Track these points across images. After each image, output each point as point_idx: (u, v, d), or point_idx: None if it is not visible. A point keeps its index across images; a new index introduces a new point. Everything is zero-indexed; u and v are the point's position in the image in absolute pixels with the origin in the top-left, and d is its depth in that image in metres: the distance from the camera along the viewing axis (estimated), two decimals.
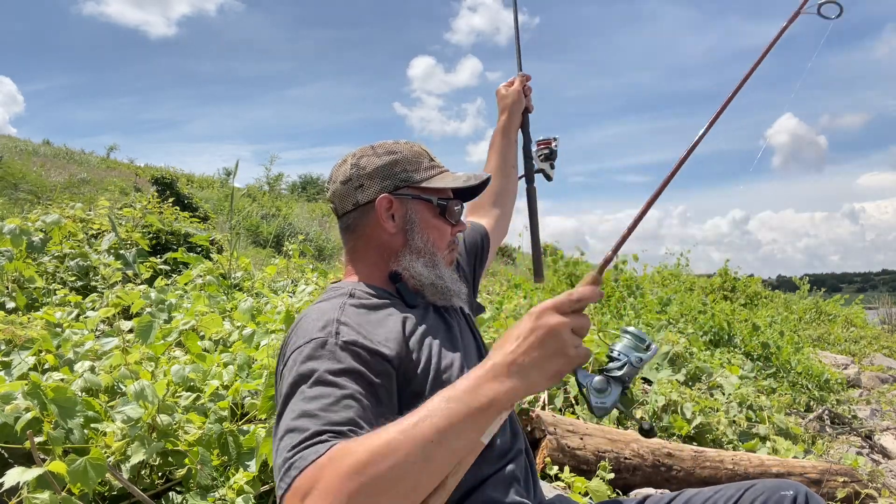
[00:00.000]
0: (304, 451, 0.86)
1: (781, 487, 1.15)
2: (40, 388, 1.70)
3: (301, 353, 1.02)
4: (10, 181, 12.24)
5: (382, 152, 1.27)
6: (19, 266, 3.40)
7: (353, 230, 1.28)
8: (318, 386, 0.96)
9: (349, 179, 1.26)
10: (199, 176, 21.55)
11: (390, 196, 1.24)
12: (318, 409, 0.92)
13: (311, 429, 0.89)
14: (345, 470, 0.80)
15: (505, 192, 1.78)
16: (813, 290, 12.17)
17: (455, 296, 1.28)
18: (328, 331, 1.05)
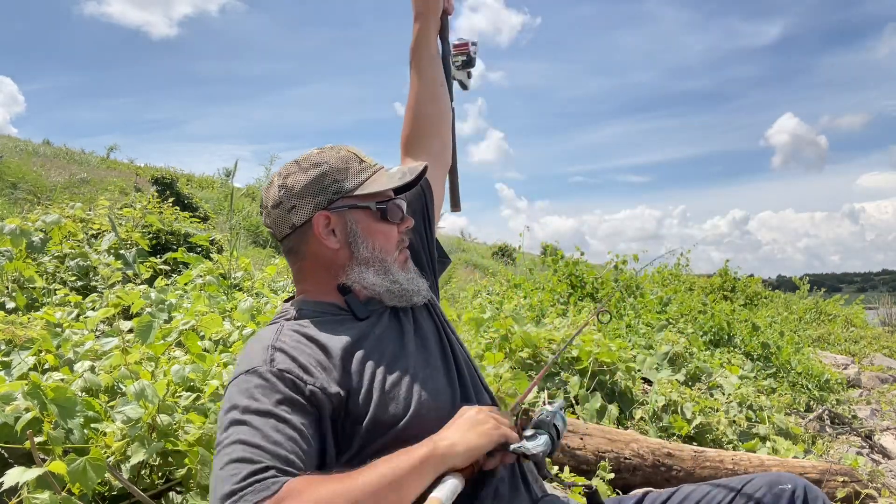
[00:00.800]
0: (255, 485, 0.88)
1: (780, 481, 1.14)
2: (40, 388, 1.70)
3: (239, 383, 1.03)
4: (8, 181, 12.23)
5: (308, 166, 1.21)
6: (19, 266, 3.40)
7: (297, 252, 1.24)
8: (259, 417, 0.97)
9: (280, 202, 1.21)
10: (199, 176, 21.54)
11: (326, 212, 1.19)
12: (262, 441, 0.94)
13: (259, 462, 0.91)
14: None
15: (438, 117, 1.57)
16: (813, 290, 12.17)
17: (415, 295, 1.25)
18: (263, 358, 1.06)
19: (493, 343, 3.49)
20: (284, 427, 0.96)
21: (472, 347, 3.49)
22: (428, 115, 1.54)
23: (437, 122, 1.56)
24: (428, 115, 1.54)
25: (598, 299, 6.66)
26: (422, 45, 1.56)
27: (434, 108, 1.55)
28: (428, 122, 1.54)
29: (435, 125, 1.56)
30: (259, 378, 1.02)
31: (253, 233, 14.41)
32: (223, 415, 1.00)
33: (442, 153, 1.56)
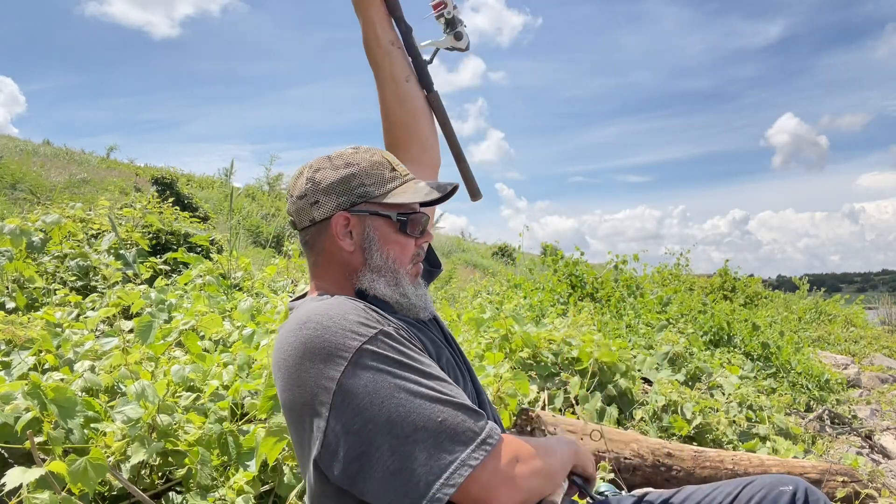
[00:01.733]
0: (491, 428, 0.98)
1: (781, 483, 1.15)
2: (40, 388, 1.70)
3: (374, 345, 1.00)
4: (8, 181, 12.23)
5: (340, 164, 1.20)
6: (19, 266, 3.40)
7: (313, 246, 1.23)
8: (425, 370, 1.00)
9: (304, 195, 1.20)
10: (199, 176, 21.53)
11: (347, 213, 1.18)
12: (446, 390, 0.99)
13: (470, 411, 0.98)
14: (529, 466, 1.01)
15: (412, 119, 1.48)
16: (813, 290, 12.17)
17: (421, 310, 1.24)
18: (375, 318, 1.05)
19: (493, 343, 3.49)
20: (438, 370, 1.03)
21: (472, 347, 3.49)
22: (400, 121, 1.48)
23: (411, 125, 1.49)
24: (400, 121, 1.48)
25: (598, 299, 6.66)
26: (370, 39, 1.45)
27: (403, 110, 1.48)
28: (401, 128, 1.49)
29: (409, 129, 1.49)
30: (391, 339, 1.02)
31: (253, 233, 14.41)
32: (371, 379, 0.97)
33: (423, 155, 1.50)
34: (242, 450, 1.90)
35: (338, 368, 0.97)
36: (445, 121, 1.50)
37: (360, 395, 0.95)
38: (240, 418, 2.07)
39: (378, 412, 0.94)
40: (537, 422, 2.67)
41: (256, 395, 2.12)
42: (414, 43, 1.47)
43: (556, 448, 1.13)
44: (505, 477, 0.96)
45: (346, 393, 0.96)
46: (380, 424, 0.94)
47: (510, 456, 0.98)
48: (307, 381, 1.00)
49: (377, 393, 0.95)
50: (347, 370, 0.97)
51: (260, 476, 1.89)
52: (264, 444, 1.79)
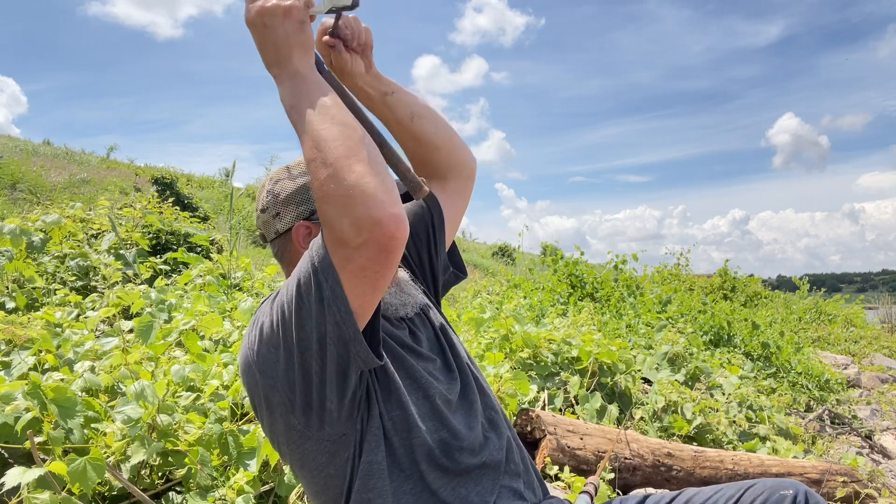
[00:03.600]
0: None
1: (781, 487, 1.15)
2: (40, 388, 1.70)
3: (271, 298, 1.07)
4: (8, 181, 12.23)
5: (297, 174, 1.20)
6: (19, 266, 3.41)
7: (281, 258, 1.23)
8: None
9: (266, 208, 1.21)
10: (199, 176, 21.54)
11: (307, 222, 1.18)
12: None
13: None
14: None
15: (434, 149, 1.37)
16: (813, 290, 12.17)
17: (400, 307, 1.22)
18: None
19: (493, 343, 3.49)
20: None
21: (472, 347, 3.49)
22: (424, 159, 1.37)
23: (434, 157, 1.38)
24: (424, 159, 1.37)
25: (598, 299, 6.66)
26: (363, 102, 1.29)
27: (422, 147, 1.36)
28: (429, 165, 1.38)
29: (437, 163, 1.38)
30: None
31: (253, 233, 14.41)
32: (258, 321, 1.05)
33: (462, 183, 1.42)
34: (242, 450, 1.90)
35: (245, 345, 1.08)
36: (351, 101, 1.15)
37: (261, 342, 1.04)
38: (240, 418, 2.07)
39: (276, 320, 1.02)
40: (537, 422, 2.67)
41: None
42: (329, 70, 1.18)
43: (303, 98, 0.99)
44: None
45: (256, 355, 1.05)
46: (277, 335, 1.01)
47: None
48: (246, 382, 1.11)
49: (266, 326, 1.03)
50: (247, 343, 1.08)
51: (260, 476, 1.89)
52: (264, 445, 1.79)
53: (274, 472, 1.92)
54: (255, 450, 1.88)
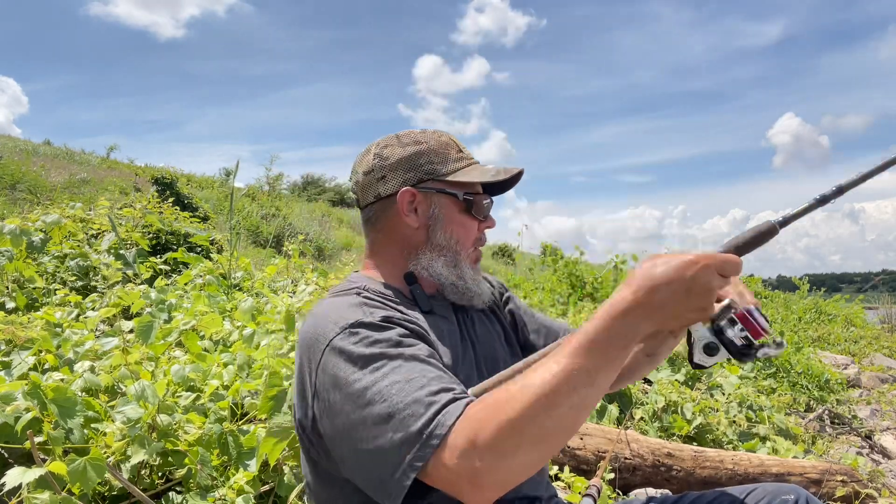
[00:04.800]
0: (441, 416, 0.83)
1: (782, 492, 1.16)
2: (40, 388, 1.70)
3: (346, 338, 0.95)
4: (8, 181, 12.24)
5: (407, 142, 1.20)
6: (19, 266, 3.41)
7: (374, 223, 1.22)
8: (392, 360, 0.91)
9: (371, 170, 1.19)
10: (199, 176, 21.54)
11: (413, 189, 1.17)
12: (412, 377, 0.88)
13: (428, 396, 0.85)
14: (504, 420, 0.78)
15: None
16: (813, 290, 12.17)
17: (475, 297, 1.21)
18: (361, 312, 1.00)
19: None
20: (428, 360, 0.93)
21: None
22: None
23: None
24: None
25: (598, 299, 6.66)
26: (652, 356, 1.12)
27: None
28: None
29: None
30: (368, 328, 0.96)
31: (253, 233, 14.41)
32: (339, 370, 0.92)
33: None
34: (242, 450, 1.90)
35: (315, 358, 0.97)
36: None
37: (326, 388, 0.94)
38: (240, 418, 2.07)
39: (340, 410, 0.92)
40: None
41: (256, 395, 2.12)
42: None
43: (549, 363, 0.81)
44: (460, 474, 0.79)
45: (320, 383, 0.96)
46: (341, 423, 0.92)
47: (464, 442, 0.79)
48: (300, 367, 1.03)
49: (337, 390, 0.92)
50: (321, 361, 0.96)
51: (260, 476, 1.89)
52: (264, 444, 1.79)
53: (274, 472, 1.92)
54: (254, 450, 1.88)
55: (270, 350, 2.26)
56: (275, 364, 2.11)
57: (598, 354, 0.80)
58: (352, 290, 1.12)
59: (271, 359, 2.14)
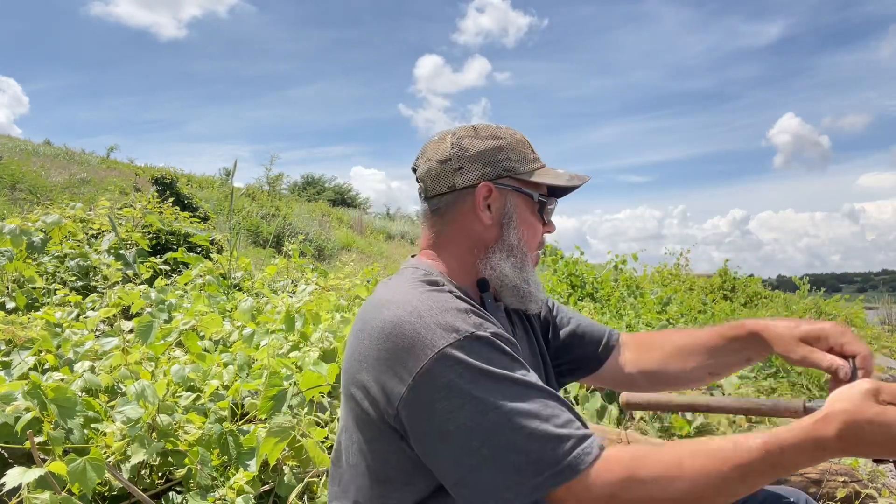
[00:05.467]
0: (581, 449, 0.85)
1: (783, 494, 1.16)
2: (40, 388, 1.70)
3: (460, 350, 0.90)
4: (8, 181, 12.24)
5: (486, 136, 1.15)
6: (19, 266, 3.41)
7: (443, 215, 1.15)
8: (514, 383, 0.89)
9: (448, 159, 1.13)
10: (199, 176, 21.54)
11: (491, 184, 1.12)
12: (537, 401, 0.88)
13: (562, 426, 0.86)
14: (657, 475, 0.83)
15: (668, 377, 1.31)
16: (813, 290, 12.17)
17: (533, 302, 1.17)
18: (472, 322, 0.95)
19: None
20: (534, 379, 0.92)
21: None
22: (662, 367, 1.32)
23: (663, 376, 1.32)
24: (662, 367, 1.32)
25: (598, 299, 6.66)
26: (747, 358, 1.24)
27: (681, 371, 1.30)
28: (653, 370, 1.33)
29: (658, 375, 1.33)
30: (481, 342, 0.92)
31: (253, 233, 14.42)
32: (454, 381, 0.88)
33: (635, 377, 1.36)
34: (242, 450, 1.90)
35: (416, 364, 0.90)
36: None
37: (430, 400, 0.89)
38: (240, 418, 2.07)
39: (446, 423, 0.88)
40: None
41: (256, 395, 2.12)
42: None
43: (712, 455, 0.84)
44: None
45: (418, 392, 0.90)
46: (452, 428, 0.88)
47: (605, 483, 0.84)
48: (384, 363, 0.94)
49: (449, 400, 0.88)
50: (424, 368, 0.89)
51: (260, 476, 1.89)
52: (264, 444, 1.79)
53: (273, 472, 1.93)
54: (254, 450, 1.88)
55: (270, 350, 2.26)
56: (275, 364, 2.11)
57: (776, 468, 0.83)
58: (443, 288, 1.04)
59: (271, 359, 2.14)
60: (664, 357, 1.31)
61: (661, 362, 1.31)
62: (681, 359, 1.29)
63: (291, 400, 1.95)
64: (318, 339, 2.56)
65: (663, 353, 1.32)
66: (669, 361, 1.30)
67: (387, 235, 22.57)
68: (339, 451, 1.10)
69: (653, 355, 1.33)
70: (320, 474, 1.90)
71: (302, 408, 2.04)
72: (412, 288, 1.02)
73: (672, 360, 1.30)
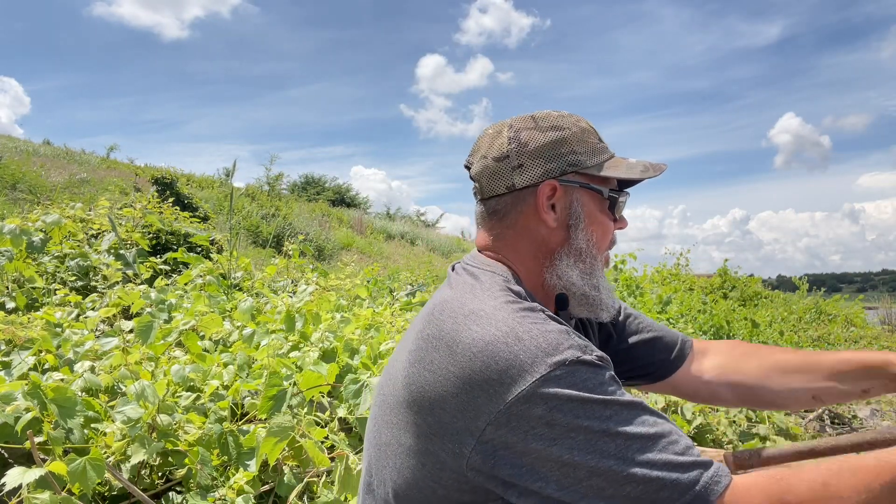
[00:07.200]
0: (706, 479, 0.76)
1: None
2: (40, 388, 1.70)
3: (566, 376, 0.79)
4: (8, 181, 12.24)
5: (546, 127, 1.02)
6: (19, 266, 3.41)
7: (503, 217, 1.03)
8: (624, 408, 0.80)
9: (506, 156, 1.01)
10: (199, 176, 21.54)
11: (555, 182, 1.00)
12: (656, 433, 0.79)
13: (682, 454, 0.78)
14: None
15: (757, 395, 1.22)
16: (813, 290, 12.18)
17: (605, 310, 1.06)
18: (575, 344, 0.83)
19: None
20: (641, 402, 0.83)
21: None
22: (752, 384, 1.22)
23: (753, 393, 1.23)
24: (752, 384, 1.22)
25: None
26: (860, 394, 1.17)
27: (770, 394, 1.21)
28: (742, 383, 1.23)
29: (748, 390, 1.23)
30: (591, 368, 0.81)
31: (253, 233, 14.42)
32: (559, 409, 0.78)
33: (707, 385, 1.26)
34: (242, 450, 1.90)
35: (512, 390, 0.79)
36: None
37: (527, 429, 0.79)
38: (240, 418, 2.07)
39: (546, 453, 0.78)
40: None
41: (256, 395, 2.12)
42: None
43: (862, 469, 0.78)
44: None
45: (511, 420, 0.79)
46: (543, 471, 0.78)
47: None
48: (468, 383, 0.82)
49: (552, 429, 0.78)
50: (523, 395, 0.78)
51: (260, 476, 1.89)
52: (264, 444, 1.79)
53: (273, 472, 1.93)
54: (254, 450, 1.88)
55: (270, 350, 2.26)
56: (275, 364, 2.11)
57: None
58: (534, 306, 0.91)
59: (271, 359, 2.14)
60: (765, 370, 1.21)
61: (760, 376, 1.21)
62: (785, 376, 1.18)
63: (291, 400, 1.95)
64: (318, 339, 2.56)
65: (764, 366, 1.21)
66: (771, 376, 1.20)
67: (387, 235, 22.57)
68: (370, 472, 0.99)
69: (750, 365, 1.23)
70: (320, 474, 1.90)
71: (302, 408, 2.04)
72: (504, 301, 0.90)
73: (774, 376, 1.19)
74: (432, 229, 29.20)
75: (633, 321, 1.29)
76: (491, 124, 1.09)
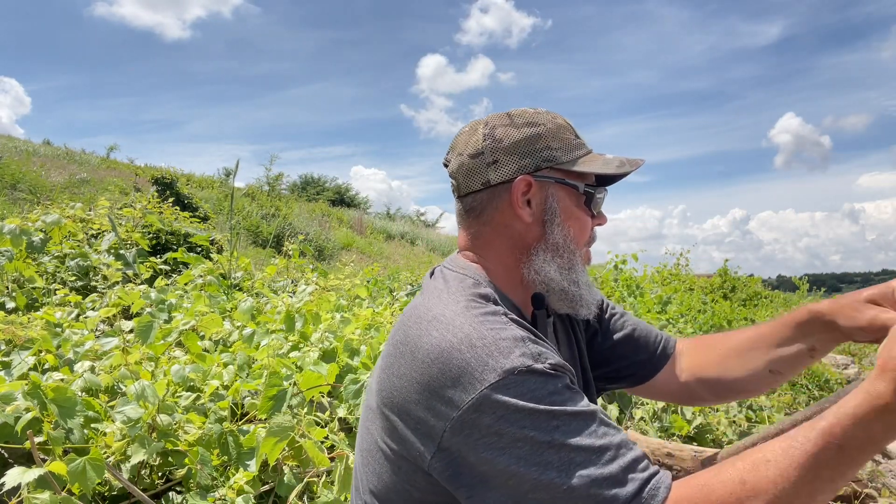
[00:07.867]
0: (645, 494, 0.76)
1: None
2: (40, 388, 1.70)
3: (515, 386, 0.79)
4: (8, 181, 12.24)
5: (522, 123, 1.03)
6: (19, 266, 3.41)
7: (479, 214, 1.05)
8: (574, 418, 0.79)
9: (480, 153, 1.02)
10: (199, 176, 21.55)
11: (530, 178, 1.01)
12: (600, 446, 0.78)
13: (626, 467, 0.77)
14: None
15: (730, 385, 1.19)
16: (813, 290, 12.18)
17: (584, 306, 1.06)
18: (529, 352, 0.83)
19: None
20: (598, 412, 0.83)
21: None
22: (725, 367, 1.19)
23: (725, 384, 1.20)
24: (725, 367, 1.19)
25: None
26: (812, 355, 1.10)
27: (744, 377, 1.17)
28: (716, 371, 1.20)
29: (721, 383, 1.20)
30: (538, 376, 0.81)
31: (253, 233, 14.42)
32: (506, 418, 0.78)
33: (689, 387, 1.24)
34: (242, 450, 1.90)
35: (463, 397, 0.80)
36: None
37: (476, 437, 0.79)
38: (240, 418, 2.07)
39: (492, 465, 0.78)
40: None
41: (256, 395, 2.12)
42: None
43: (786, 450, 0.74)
44: None
45: (462, 428, 0.80)
46: (491, 481, 0.79)
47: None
48: (426, 390, 0.83)
49: (500, 438, 0.78)
50: (473, 403, 0.79)
51: (260, 476, 1.89)
52: (264, 444, 1.79)
53: (273, 472, 1.93)
54: (254, 450, 1.88)
55: (270, 350, 2.26)
56: (275, 364, 2.11)
57: (847, 451, 0.72)
58: (497, 309, 0.91)
59: (271, 359, 2.14)
60: (721, 358, 1.20)
61: (720, 364, 1.20)
62: (740, 358, 1.17)
63: (291, 400, 1.95)
64: (318, 339, 2.56)
65: (720, 354, 1.20)
66: (728, 362, 1.18)
67: (387, 235, 22.58)
68: (357, 476, 1.02)
69: (710, 357, 1.22)
70: (320, 474, 1.90)
71: (302, 408, 2.04)
72: (465, 307, 0.90)
73: (731, 361, 1.18)
74: (432, 229, 29.21)
75: (617, 319, 1.28)
76: (468, 122, 1.11)
